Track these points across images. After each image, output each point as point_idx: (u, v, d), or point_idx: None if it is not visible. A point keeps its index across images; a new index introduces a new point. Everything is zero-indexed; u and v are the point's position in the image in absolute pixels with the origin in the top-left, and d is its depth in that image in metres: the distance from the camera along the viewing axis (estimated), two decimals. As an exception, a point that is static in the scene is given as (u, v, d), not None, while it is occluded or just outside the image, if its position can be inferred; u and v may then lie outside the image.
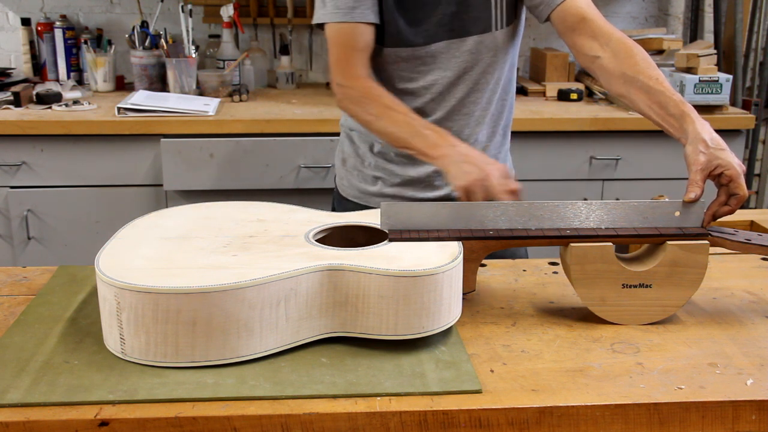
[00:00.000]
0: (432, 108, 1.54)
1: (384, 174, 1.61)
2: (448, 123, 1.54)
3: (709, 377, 1.00)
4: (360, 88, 1.44)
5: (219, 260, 1.04)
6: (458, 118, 1.54)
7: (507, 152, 1.69)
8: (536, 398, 0.94)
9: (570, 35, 1.42)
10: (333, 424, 0.91)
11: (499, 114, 1.60)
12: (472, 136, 1.56)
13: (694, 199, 1.15)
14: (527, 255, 1.65)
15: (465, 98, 1.53)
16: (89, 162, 2.48)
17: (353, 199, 1.68)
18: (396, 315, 1.01)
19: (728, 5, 2.96)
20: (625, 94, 1.33)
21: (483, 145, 1.59)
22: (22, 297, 1.21)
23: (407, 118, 1.38)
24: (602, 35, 1.38)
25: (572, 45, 1.43)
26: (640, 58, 1.33)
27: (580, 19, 1.40)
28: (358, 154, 1.65)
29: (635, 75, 1.31)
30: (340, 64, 1.46)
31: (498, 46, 1.51)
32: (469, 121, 1.55)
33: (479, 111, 1.55)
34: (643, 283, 1.13)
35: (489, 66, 1.52)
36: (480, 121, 1.56)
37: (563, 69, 2.95)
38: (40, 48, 2.92)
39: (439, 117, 1.54)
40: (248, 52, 2.94)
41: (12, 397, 0.92)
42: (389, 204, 1.15)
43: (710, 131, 1.18)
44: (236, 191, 2.49)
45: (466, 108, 1.54)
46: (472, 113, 1.55)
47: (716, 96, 2.59)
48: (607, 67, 1.36)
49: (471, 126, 1.55)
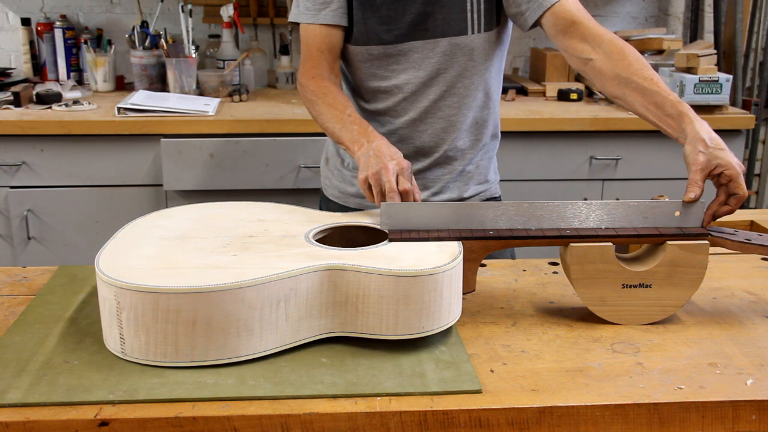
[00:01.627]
0: (404, 108, 1.53)
1: None
2: (422, 125, 1.54)
3: (709, 377, 1.00)
4: (313, 87, 1.46)
5: (219, 260, 1.04)
6: (432, 121, 1.54)
7: (489, 166, 1.65)
8: (536, 398, 0.94)
9: (561, 39, 1.41)
10: (333, 424, 0.91)
11: (484, 123, 1.58)
12: (449, 141, 1.55)
13: (694, 199, 1.15)
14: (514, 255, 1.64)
15: (439, 101, 1.52)
16: (89, 162, 2.48)
17: (334, 200, 1.67)
18: (396, 315, 1.01)
19: (728, 5, 2.96)
20: (621, 96, 1.32)
21: (464, 153, 1.58)
22: (22, 297, 1.21)
23: (342, 115, 1.39)
24: (594, 37, 1.37)
25: (564, 48, 1.42)
26: (633, 58, 1.32)
27: (570, 22, 1.39)
28: (339, 153, 1.65)
29: (629, 76, 1.30)
30: (304, 64, 1.51)
31: (475, 50, 1.50)
32: (444, 125, 1.54)
33: (455, 116, 1.54)
34: (643, 283, 1.13)
35: (465, 70, 1.51)
36: (457, 126, 1.54)
37: (563, 69, 2.95)
38: (40, 48, 2.92)
39: (413, 117, 1.53)
40: (248, 52, 2.94)
41: (12, 397, 0.92)
42: (389, 204, 1.15)
43: (709, 131, 1.18)
44: (236, 191, 2.49)
45: (441, 111, 1.53)
46: (447, 117, 1.54)
47: (716, 96, 2.59)
48: (600, 69, 1.35)
49: (448, 131, 1.54)
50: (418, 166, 1.57)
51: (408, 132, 1.55)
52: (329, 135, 1.44)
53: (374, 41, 1.49)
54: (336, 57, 1.52)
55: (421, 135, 1.54)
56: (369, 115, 1.57)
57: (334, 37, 1.50)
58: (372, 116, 1.57)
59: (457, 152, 1.57)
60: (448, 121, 1.54)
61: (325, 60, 1.49)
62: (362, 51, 1.51)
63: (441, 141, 1.55)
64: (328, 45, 1.50)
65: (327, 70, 1.49)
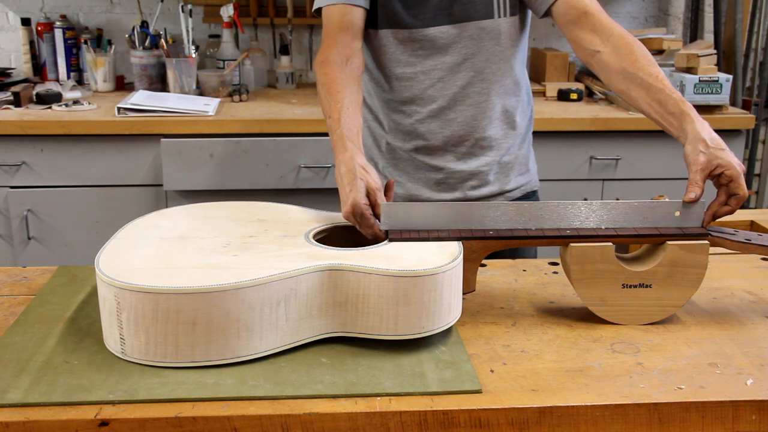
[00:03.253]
0: (432, 95, 1.52)
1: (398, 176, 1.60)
2: (451, 113, 1.52)
3: (709, 377, 1.00)
4: (320, 76, 1.41)
5: (219, 260, 1.04)
6: (462, 109, 1.52)
7: (529, 156, 1.63)
8: (536, 398, 0.94)
9: (571, 29, 1.42)
10: (333, 424, 0.91)
11: (514, 110, 1.56)
12: (480, 129, 1.53)
13: (694, 199, 1.15)
14: (536, 254, 1.63)
15: (467, 87, 1.51)
16: (89, 162, 2.48)
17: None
18: (396, 315, 1.01)
19: (728, 5, 2.96)
20: (625, 91, 1.33)
21: (498, 143, 1.56)
22: (22, 297, 1.21)
23: (330, 113, 1.33)
24: (603, 30, 1.38)
25: (572, 39, 1.42)
26: (640, 54, 1.32)
27: (581, 12, 1.40)
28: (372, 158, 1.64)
29: (635, 72, 1.30)
30: (321, 50, 1.47)
31: (502, 34, 1.49)
32: (474, 112, 1.52)
33: (485, 102, 1.52)
34: (643, 283, 1.13)
35: (493, 55, 1.50)
36: (487, 113, 1.53)
37: (563, 69, 2.95)
38: (40, 48, 2.92)
39: (442, 105, 1.52)
40: (248, 52, 2.93)
41: (12, 397, 0.92)
42: (389, 204, 1.15)
43: (710, 131, 1.18)
44: (236, 191, 2.49)
45: (470, 98, 1.51)
46: (476, 104, 1.52)
47: (716, 96, 2.59)
48: (607, 62, 1.36)
49: (478, 119, 1.53)
50: (450, 159, 1.55)
51: (436, 121, 1.53)
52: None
53: (399, 25, 1.48)
54: (355, 36, 1.47)
55: (450, 124, 1.52)
56: (395, 105, 1.55)
57: (354, 16, 1.46)
58: (398, 106, 1.55)
59: (490, 141, 1.55)
60: (478, 108, 1.52)
61: (341, 41, 1.45)
62: (387, 35, 1.49)
63: (471, 129, 1.53)
64: (347, 23, 1.46)
65: (343, 54, 1.44)
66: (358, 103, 1.37)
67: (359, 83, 1.43)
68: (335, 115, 1.31)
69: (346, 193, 1.16)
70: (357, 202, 1.13)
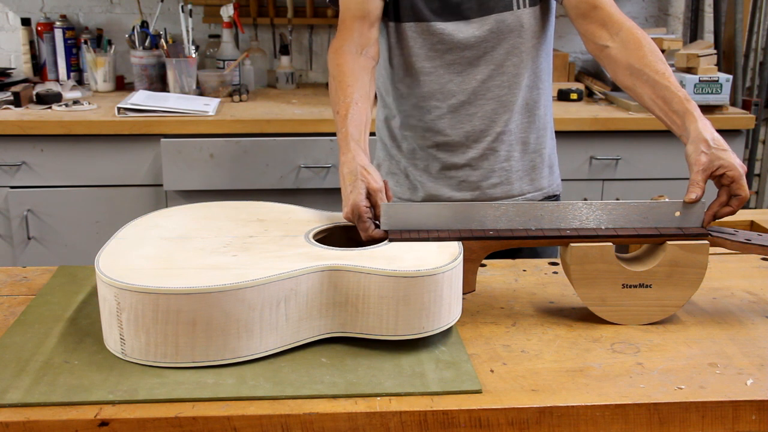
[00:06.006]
0: (451, 90, 1.50)
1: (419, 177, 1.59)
2: (471, 108, 1.50)
3: (709, 377, 1.00)
4: (334, 66, 1.40)
5: (219, 260, 1.03)
6: (482, 103, 1.50)
7: (551, 151, 1.61)
8: (536, 398, 0.94)
9: (581, 21, 1.41)
10: (333, 424, 0.91)
11: (534, 104, 1.54)
12: (501, 123, 1.51)
13: (695, 199, 1.15)
14: (538, 254, 1.62)
15: (488, 80, 1.49)
16: (89, 162, 2.48)
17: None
18: (396, 315, 1.01)
19: (728, 5, 2.96)
20: (631, 86, 1.33)
21: (519, 137, 1.54)
22: (22, 297, 1.21)
23: (338, 110, 1.33)
24: (613, 24, 1.37)
25: (582, 32, 1.42)
26: (648, 50, 1.32)
27: (592, 6, 1.40)
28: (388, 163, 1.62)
29: (642, 68, 1.30)
30: (336, 38, 1.45)
31: (523, 26, 1.47)
32: (495, 105, 1.50)
33: (506, 96, 1.50)
34: (643, 283, 1.13)
35: (514, 48, 1.48)
36: (508, 107, 1.51)
37: (563, 69, 2.95)
38: (40, 48, 2.92)
39: (462, 100, 1.50)
40: (248, 52, 2.93)
41: (12, 397, 0.92)
42: (389, 204, 1.15)
43: (712, 131, 1.18)
44: (236, 191, 2.49)
45: (490, 92, 1.50)
46: (497, 98, 1.50)
47: (716, 96, 2.59)
48: (614, 57, 1.36)
49: (499, 112, 1.50)
50: (471, 155, 1.53)
51: (456, 116, 1.51)
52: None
53: (418, 18, 1.47)
54: (372, 25, 1.45)
55: (471, 118, 1.51)
56: (414, 101, 1.53)
57: (372, 4, 1.44)
58: (417, 102, 1.53)
59: (511, 136, 1.53)
60: (499, 102, 1.50)
61: (357, 29, 1.43)
62: (406, 29, 1.48)
63: (492, 123, 1.51)
64: (364, 11, 1.44)
65: (355, 43, 1.42)
66: (369, 96, 1.37)
67: (372, 74, 1.42)
68: (343, 111, 1.31)
69: (347, 194, 1.17)
70: (357, 203, 1.14)
